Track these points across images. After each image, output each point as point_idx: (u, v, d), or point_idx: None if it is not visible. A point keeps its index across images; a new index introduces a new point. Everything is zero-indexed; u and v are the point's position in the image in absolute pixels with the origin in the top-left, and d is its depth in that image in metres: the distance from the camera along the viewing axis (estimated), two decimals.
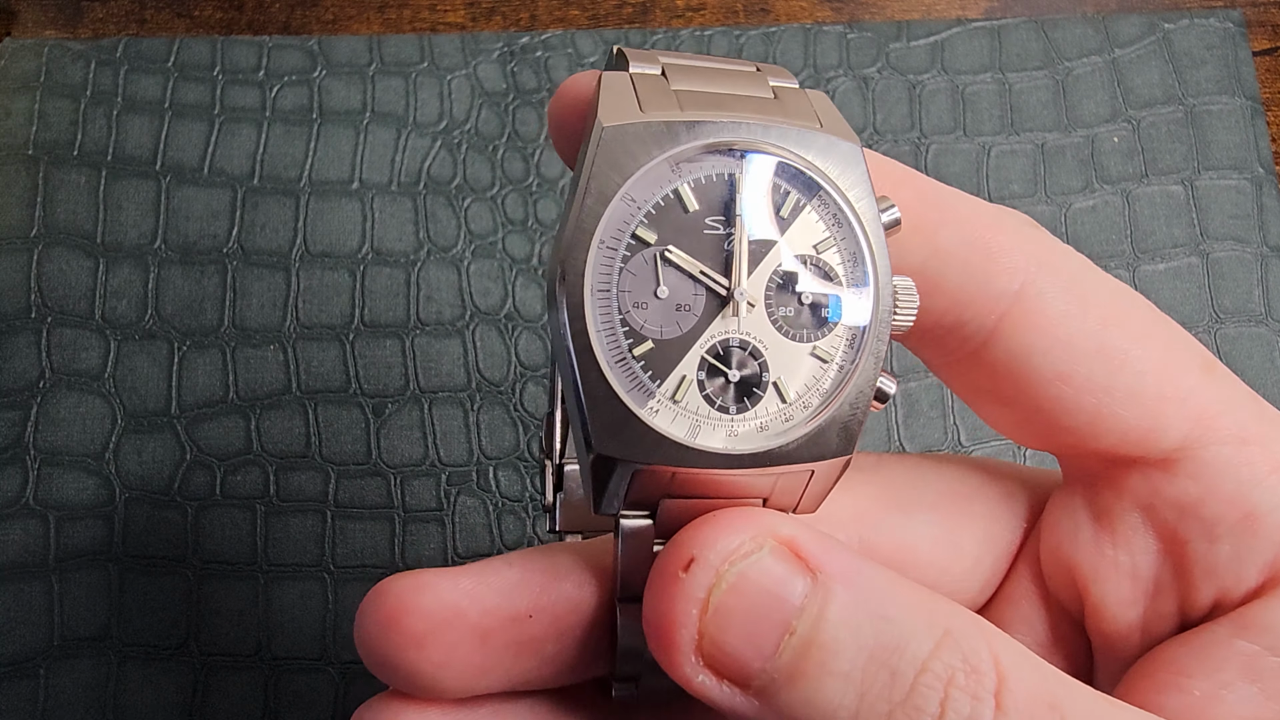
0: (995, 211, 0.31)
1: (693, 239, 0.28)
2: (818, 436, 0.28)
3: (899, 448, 0.61)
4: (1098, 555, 0.32)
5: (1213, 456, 0.30)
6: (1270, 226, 0.64)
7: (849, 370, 0.28)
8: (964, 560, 0.34)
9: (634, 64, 0.29)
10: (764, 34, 0.69)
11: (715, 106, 0.28)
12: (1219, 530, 0.30)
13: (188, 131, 0.66)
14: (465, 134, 0.67)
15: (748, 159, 0.28)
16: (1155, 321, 0.31)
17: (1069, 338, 0.30)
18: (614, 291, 0.27)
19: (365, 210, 0.65)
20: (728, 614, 0.26)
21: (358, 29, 0.70)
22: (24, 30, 0.70)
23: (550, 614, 0.29)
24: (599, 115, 0.27)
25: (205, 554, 0.58)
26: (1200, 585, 0.31)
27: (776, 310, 0.28)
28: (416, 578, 0.29)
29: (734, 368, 0.28)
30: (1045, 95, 0.68)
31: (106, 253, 0.63)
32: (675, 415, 0.27)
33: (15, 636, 0.56)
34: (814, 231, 0.29)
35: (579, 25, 0.70)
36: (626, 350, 0.27)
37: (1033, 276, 0.30)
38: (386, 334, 0.62)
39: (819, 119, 0.29)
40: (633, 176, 0.27)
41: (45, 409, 0.60)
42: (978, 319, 0.30)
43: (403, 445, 0.60)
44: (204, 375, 0.61)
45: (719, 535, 0.26)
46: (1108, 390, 0.30)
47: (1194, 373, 0.30)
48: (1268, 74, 0.69)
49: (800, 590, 0.26)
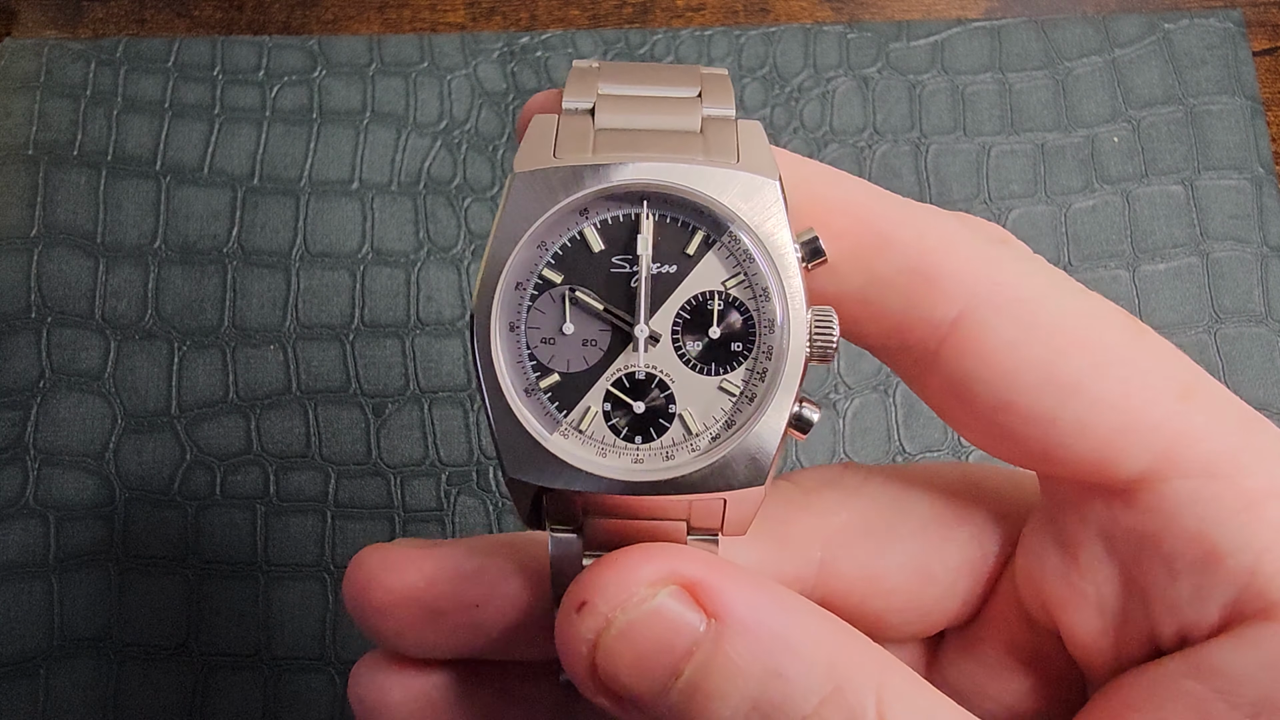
0: (947, 230, 0.30)
1: (599, 278, 0.29)
2: (723, 467, 0.29)
3: (899, 447, 0.61)
4: (1065, 584, 0.32)
5: (1174, 490, 0.29)
6: (1270, 226, 0.64)
7: (758, 403, 0.29)
8: (936, 587, 0.34)
9: (567, 98, 0.31)
10: (764, 34, 0.69)
11: (631, 146, 0.29)
12: (1178, 567, 0.29)
13: (188, 131, 0.66)
14: (465, 134, 0.67)
15: (653, 200, 0.29)
16: (1124, 345, 0.29)
17: (1012, 368, 0.29)
18: (523, 329, 0.29)
19: (365, 210, 0.65)
20: (616, 656, 0.27)
21: (358, 29, 0.70)
22: (24, 30, 0.70)
23: (496, 607, 0.32)
24: (514, 161, 0.29)
25: (205, 554, 0.58)
26: (1164, 619, 0.30)
27: (684, 344, 0.30)
28: (386, 553, 0.32)
29: (639, 399, 0.30)
30: (1045, 95, 0.68)
31: (106, 253, 0.63)
32: (581, 443, 0.29)
33: (15, 636, 0.56)
34: (722, 268, 0.30)
35: (579, 25, 0.70)
36: (534, 383, 0.29)
37: (976, 303, 0.29)
38: (386, 334, 0.62)
39: (739, 154, 0.30)
40: (539, 220, 0.29)
41: (45, 409, 0.60)
42: (920, 344, 0.30)
43: (403, 445, 0.60)
44: (204, 375, 0.61)
45: (612, 580, 0.27)
46: (1054, 422, 0.29)
47: (1165, 401, 0.29)
48: (1268, 74, 0.69)
49: (692, 636, 0.27)
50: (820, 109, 0.68)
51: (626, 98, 0.31)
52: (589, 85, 0.31)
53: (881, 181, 0.66)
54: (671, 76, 0.32)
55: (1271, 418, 0.61)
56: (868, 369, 0.62)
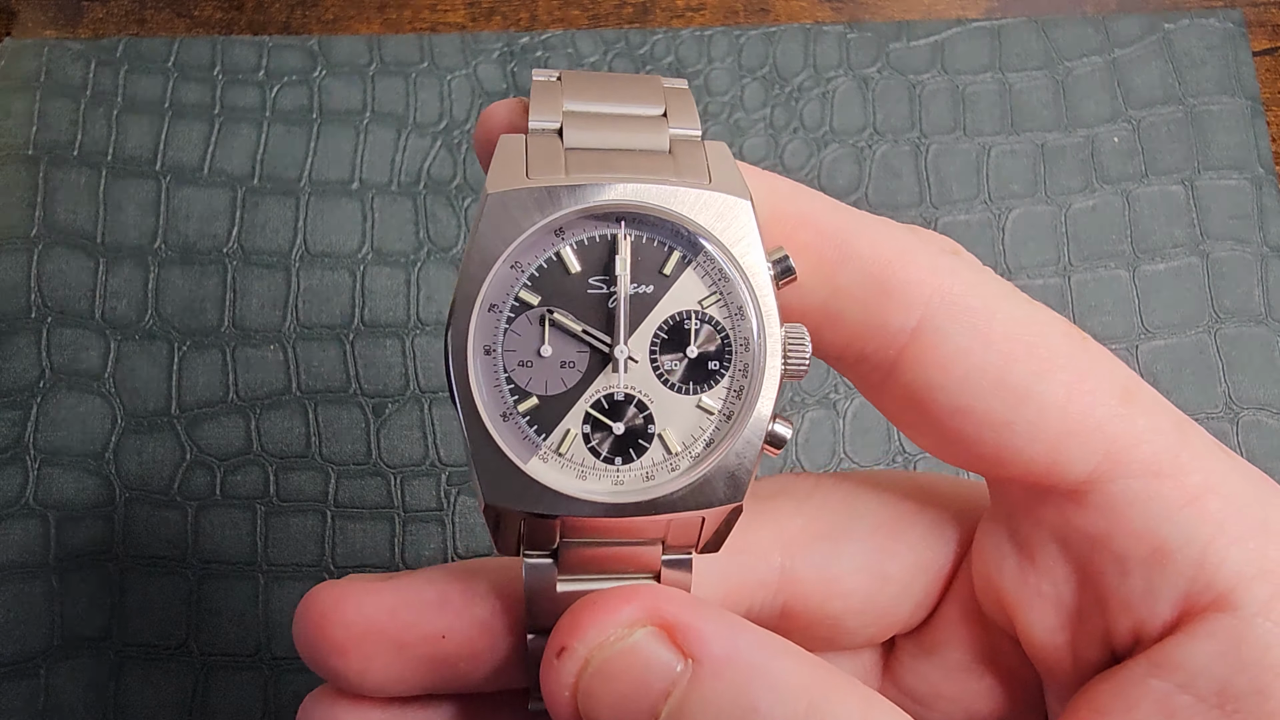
0: (901, 242, 0.31)
1: (576, 300, 0.29)
2: (703, 485, 0.29)
3: (898, 447, 0.61)
4: (1021, 584, 0.33)
5: (1121, 490, 0.30)
6: (1270, 226, 0.64)
7: (735, 420, 0.29)
8: (891, 588, 0.35)
9: (533, 118, 0.30)
10: (764, 34, 0.69)
11: (602, 167, 0.29)
12: (1129, 564, 0.30)
13: (188, 131, 0.66)
14: (465, 134, 0.67)
15: (629, 220, 0.29)
16: (1069, 352, 0.31)
17: (966, 374, 0.30)
18: (499, 351, 0.29)
19: (365, 210, 0.65)
20: (595, 696, 0.27)
21: (358, 29, 0.70)
22: (24, 30, 0.70)
23: (464, 636, 0.31)
24: (486, 182, 0.29)
25: (205, 554, 0.58)
26: (1118, 617, 0.31)
27: (662, 364, 0.30)
28: (342, 589, 0.31)
29: (619, 420, 0.29)
30: (1045, 95, 0.68)
31: (106, 253, 0.63)
32: (561, 467, 0.29)
33: (15, 636, 0.56)
34: (698, 287, 0.30)
35: (579, 25, 0.70)
36: (511, 406, 0.29)
37: (932, 312, 0.30)
38: (386, 334, 0.62)
39: (709, 174, 0.30)
40: (515, 242, 0.28)
41: (45, 409, 0.60)
42: (878, 353, 0.31)
43: (403, 445, 0.60)
44: (204, 375, 0.61)
45: (590, 623, 0.28)
46: (1008, 425, 0.30)
47: (1108, 403, 0.30)
48: (1268, 74, 0.69)
49: (669, 676, 0.27)
50: (820, 109, 0.68)
51: (593, 115, 0.31)
52: (554, 102, 0.31)
53: (881, 181, 0.66)
54: (635, 92, 0.32)
55: (1271, 418, 0.61)
56: None
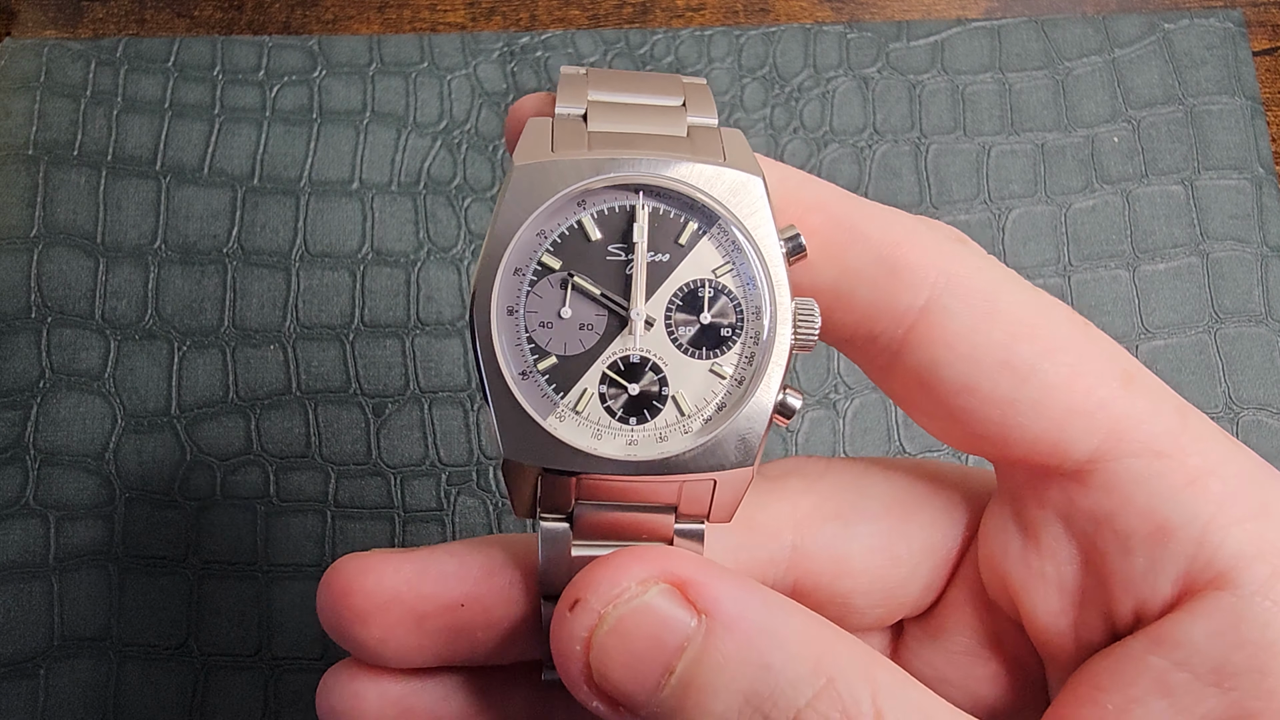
0: (909, 228, 0.32)
1: (595, 265, 0.31)
2: (715, 447, 0.30)
3: (899, 448, 0.61)
4: (1025, 566, 0.33)
5: (1124, 469, 0.31)
6: (1270, 226, 0.64)
7: (746, 386, 0.31)
8: (900, 569, 0.35)
9: (560, 104, 0.32)
10: (764, 34, 0.69)
11: (624, 145, 0.31)
12: (1132, 543, 0.31)
13: (188, 131, 0.66)
14: (465, 134, 0.67)
15: (647, 192, 0.31)
16: (1071, 335, 0.31)
17: (973, 351, 0.31)
18: (521, 312, 0.30)
19: (365, 210, 0.65)
20: (609, 653, 0.28)
21: (358, 29, 0.70)
22: (24, 30, 0.70)
23: (481, 605, 0.32)
24: (514, 155, 0.31)
25: (205, 554, 0.58)
26: (1120, 596, 0.31)
27: (676, 329, 0.31)
28: (365, 560, 0.32)
29: (634, 382, 0.31)
30: (1045, 95, 0.68)
31: (106, 253, 0.63)
32: (578, 425, 0.30)
33: (15, 636, 0.56)
34: (712, 257, 0.31)
35: (579, 25, 0.70)
36: (531, 365, 0.30)
37: (939, 292, 0.31)
38: (386, 334, 0.62)
39: (724, 155, 0.31)
40: (539, 209, 0.30)
41: (45, 409, 0.60)
42: (887, 332, 0.32)
43: (403, 445, 0.60)
44: (204, 375, 0.61)
45: (604, 577, 0.28)
46: (1012, 403, 0.31)
47: (1110, 385, 0.31)
48: (1268, 74, 0.69)
49: (684, 632, 0.28)
50: (820, 109, 0.68)
51: (616, 105, 0.33)
52: (579, 92, 0.33)
53: (881, 181, 0.66)
54: (656, 85, 0.34)
55: (1271, 418, 0.61)
56: None
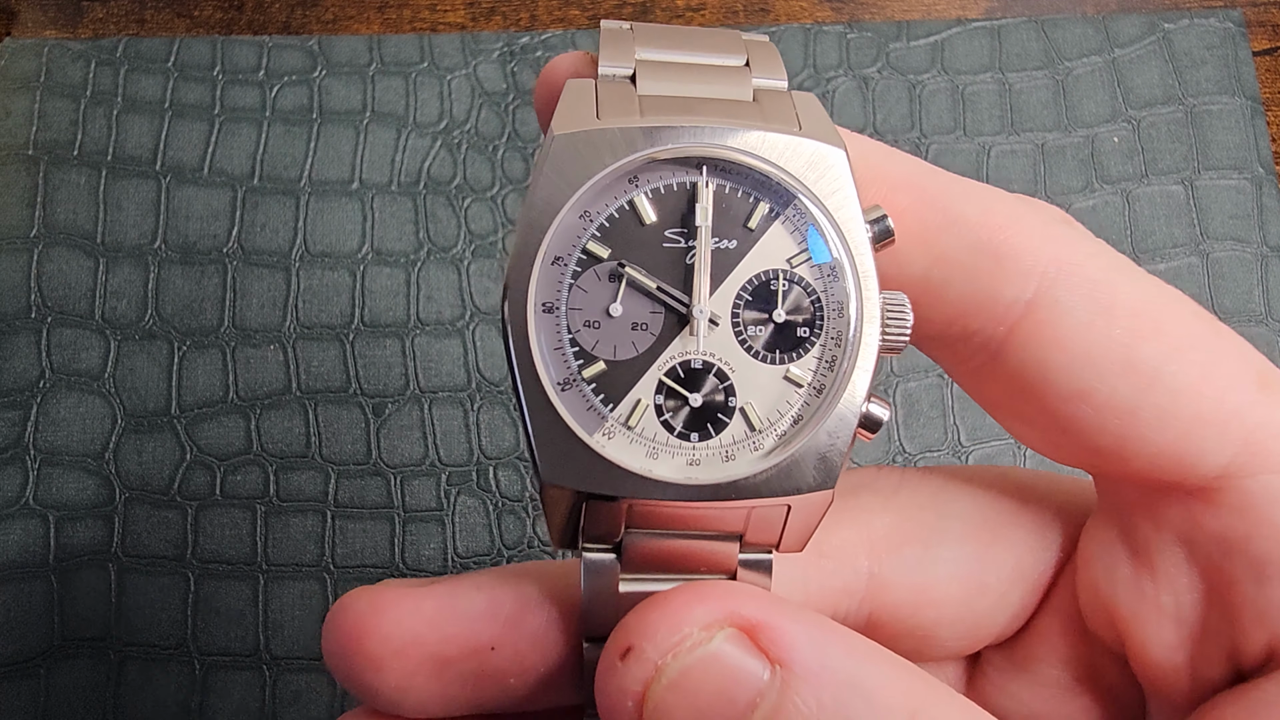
0: (1012, 208, 0.28)
1: (650, 253, 0.26)
2: (790, 468, 0.26)
3: (899, 447, 0.61)
4: (1137, 594, 0.29)
5: (1261, 486, 0.27)
6: (1270, 226, 0.64)
7: (827, 395, 0.26)
8: (988, 597, 0.31)
9: (604, 63, 0.28)
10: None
11: (683, 111, 0.26)
12: (1269, 570, 0.27)
13: (188, 131, 0.66)
14: (465, 134, 0.67)
15: (711, 167, 0.26)
16: (1200, 332, 0.27)
17: (1089, 351, 0.27)
18: (563, 310, 0.26)
19: (365, 210, 0.65)
20: (669, 711, 0.24)
21: (358, 29, 0.70)
22: (24, 30, 0.70)
23: (514, 648, 0.28)
24: (552, 123, 0.26)
25: (205, 554, 0.58)
26: (1251, 630, 0.27)
27: (745, 329, 0.26)
28: (378, 595, 0.27)
29: (696, 391, 0.26)
30: (1045, 95, 0.68)
31: (106, 253, 0.63)
32: (630, 442, 0.26)
33: (15, 636, 0.56)
34: (787, 244, 0.27)
35: (579, 25, 0.70)
36: (576, 372, 0.26)
37: (1049, 283, 0.27)
38: (386, 334, 0.62)
39: (799, 122, 0.27)
40: (583, 187, 0.25)
41: (45, 409, 0.60)
42: (986, 329, 0.28)
43: (403, 445, 0.60)
44: (204, 375, 0.61)
45: (663, 622, 0.24)
46: (1134, 411, 0.27)
47: (1245, 390, 0.27)
48: (1268, 74, 0.69)
49: (756, 686, 0.24)
50: None
51: (670, 64, 0.28)
52: (625, 50, 0.28)
53: None
54: (713, 43, 0.29)
55: None
56: None
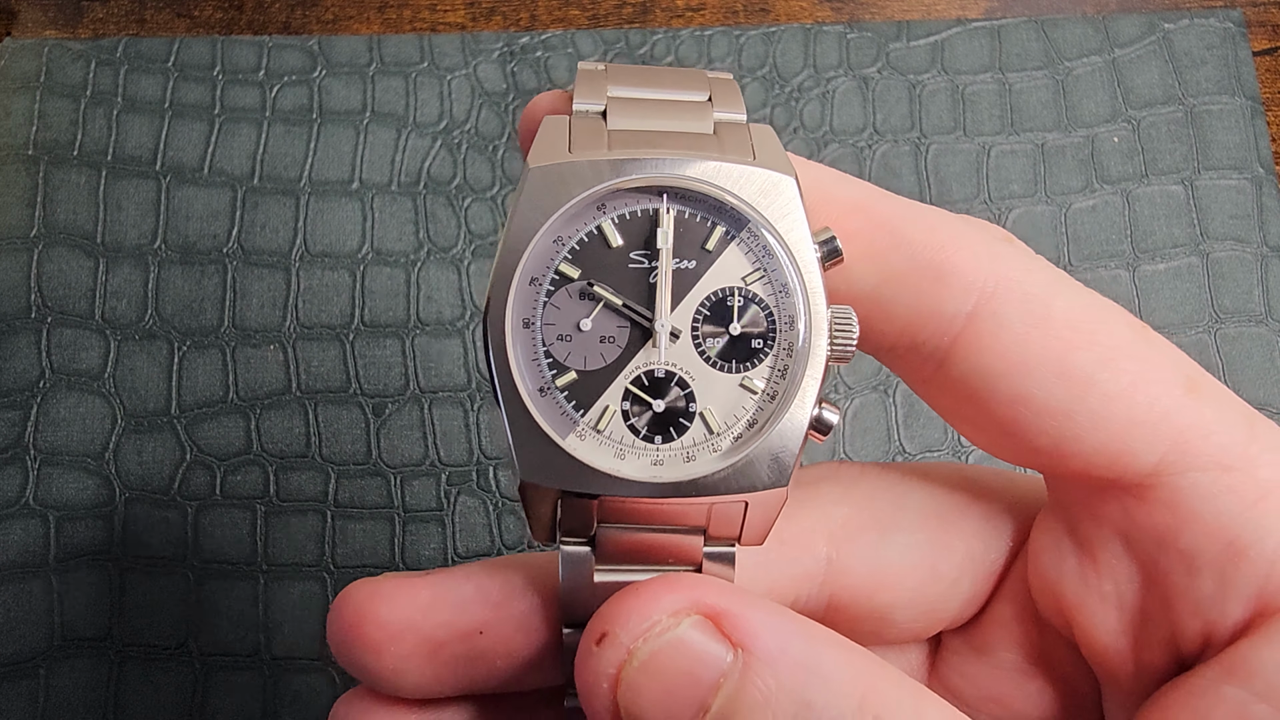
0: (956, 229, 0.30)
1: (617, 273, 0.29)
2: (746, 468, 0.28)
3: (899, 447, 0.61)
4: (1082, 583, 0.31)
5: (1190, 484, 0.29)
6: (1270, 226, 0.64)
7: (780, 401, 0.29)
8: (940, 583, 0.33)
9: (578, 100, 0.30)
10: (764, 34, 0.69)
11: (647, 145, 0.29)
12: (1198, 562, 0.29)
13: (188, 131, 0.66)
14: (465, 134, 0.67)
15: (671, 195, 0.29)
16: (1131, 340, 0.30)
17: (1025, 360, 0.29)
18: (538, 325, 0.29)
19: (365, 210, 0.65)
20: (640, 690, 0.26)
21: (358, 29, 0.70)
22: (24, 30, 0.70)
23: (500, 632, 0.30)
24: (528, 157, 0.29)
25: (205, 554, 0.58)
26: (1186, 619, 0.29)
27: (704, 341, 0.29)
28: (377, 586, 0.30)
29: (659, 398, 0.29)
30: (1045, 95, 0.68)
31: (106, 253, 0.63)
32: (599, 444, 0.28)
33: (15, 636, 0.56)
34: (742, 264, 0.29)
35: (579, 25, 0.70)
36: (550, 381, 0.29)
37: (987, 297, 0.29)
38: (386, 334, 0.62)
39: (754, 152, 0.29)
40: (555, 214, 0.28)
41: (45, 409, 0.60)
42: (932, 341, 0.30)
43: (403, 445, 0.60)
44: (204, 375, 0.61)
45: (634, 610, 0.27)
46: (1069, 414, 0.29)
47: (1173, 394, 0.29)
48: (1268, 74, 0.69)
49: (719, 668, 0.26)
50: (820, 109, 0.68)
51: (637, 101, 0.31)
52: (598, 88, 0.31)
53: (881, 182, 0.66)
54: (679, 80, 0.32)
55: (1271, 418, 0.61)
56: (868, 369, 0.62)
